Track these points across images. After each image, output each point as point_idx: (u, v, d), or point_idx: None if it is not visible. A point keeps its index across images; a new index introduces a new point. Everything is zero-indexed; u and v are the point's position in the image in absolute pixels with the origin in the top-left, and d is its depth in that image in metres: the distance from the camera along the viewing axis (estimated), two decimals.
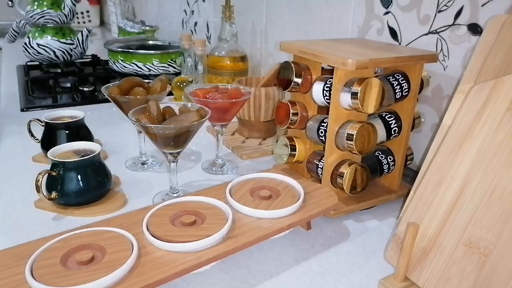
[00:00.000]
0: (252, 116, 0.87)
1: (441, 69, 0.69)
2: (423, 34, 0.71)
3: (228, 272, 0.50)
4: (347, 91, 0.55)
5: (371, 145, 0.58)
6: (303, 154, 0.69)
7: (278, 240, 0.56)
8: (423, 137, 0.74)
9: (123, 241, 0.46)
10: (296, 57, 0.65)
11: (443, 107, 0.70)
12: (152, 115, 0.59)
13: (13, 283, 0.40)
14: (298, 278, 0.50)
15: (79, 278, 0.40)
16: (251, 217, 0.52)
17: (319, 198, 0.57)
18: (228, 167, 0.78)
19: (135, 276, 0.41)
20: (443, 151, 0.47)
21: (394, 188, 0.68)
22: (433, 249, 0.45)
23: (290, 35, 1.07)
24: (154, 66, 1.38)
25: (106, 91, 0.70)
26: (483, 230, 0.41)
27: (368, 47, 0.63)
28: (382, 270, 0.51)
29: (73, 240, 0.45)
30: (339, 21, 0.90)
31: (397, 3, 0.75)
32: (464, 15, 0.64)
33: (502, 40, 0.48)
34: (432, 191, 0.47)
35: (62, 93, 1.25)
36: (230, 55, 1.10)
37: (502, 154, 0.42)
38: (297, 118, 0.66)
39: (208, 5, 1.48)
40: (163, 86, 0.74)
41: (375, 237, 0.58)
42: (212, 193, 0.56)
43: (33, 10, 1.51)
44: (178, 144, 0.60)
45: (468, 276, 0.41)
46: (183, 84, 1.06)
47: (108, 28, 2.48)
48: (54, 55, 1.54)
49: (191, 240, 0.46)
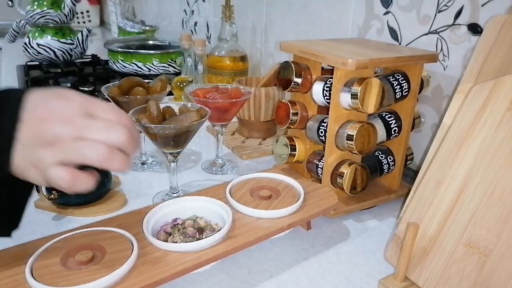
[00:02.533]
0: (252, 116, 0.87)
1: (441, 69, 0.69)
2: (423, 34, 0.71)
3: (228, 272, 0.50)
4: (347, 91, 0.55)
5: (371, 145, 0.58)
6: (303, 154, 0.69)
7: (278, 240, 0.56)
8: (423, 137, 0.74)
9: (123, 241, 0.46)
10: (296, 57, 0.65)
11: (443, 107, 0.70)
12: (152, 115, 0.58)
13: (13, 283, 0.40)
14: (298, 278, 0.50)
15: (79, 278, 0.40)
16: (251, 217, 0.52)
17: (319, 198, 0.57)
18: (228, 167, 0.78)
19: (135, 276, 0.41)
20: (443, 151, 0.47)
21: (394, 188, 0.68)
22: (433, 249, 0.45)
23: (290, 35, 1.07)
24: (154, 66, 1.38)
25: (106, 91, 0.70)
26: (483, 230, 0.41)
27: (368, 47, 0.63)
28: (382, 270, 0.51)
29: (73, 240, 0.45)
30: (339, 21, 0.90)
31: (397, 3, 0.75)
32: (464, 15, 0.64)
33: (502, 40, 0.48)
34: (432, 191, 0.47)
35: None
36: (230, 55, 1.10)
37: (502, 154, 0.42)
38: (297, 118, 0.66)
39: (208, 5, 1.48)
40: (163, 86, 0.74)
41: (375, 237, 0.58)
42: (212, 193, 0.56)
43: (33, 10, 1.51)
44: (178, 144, 0.60)
45: (468, 276, 0.41)
46: (183, 84, 1.06)
47: (108, 28, 2.48)
48: (54, 55, 1.54)
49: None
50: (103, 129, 0.38)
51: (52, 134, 0.36)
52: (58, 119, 0.37)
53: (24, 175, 0.38)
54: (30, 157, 0.36)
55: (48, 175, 0.36)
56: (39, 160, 0.36)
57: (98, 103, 0.39)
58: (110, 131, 0.38)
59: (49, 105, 0.38)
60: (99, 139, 0.37)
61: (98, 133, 0.37)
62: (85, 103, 0.38)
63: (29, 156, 0.36)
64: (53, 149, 0.36)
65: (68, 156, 0.37)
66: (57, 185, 0.37)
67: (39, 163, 0.36)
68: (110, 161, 0.37)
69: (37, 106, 0.37)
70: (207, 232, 0.50)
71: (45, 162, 0.36)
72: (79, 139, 0.37)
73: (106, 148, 0.37)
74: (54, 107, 0.37)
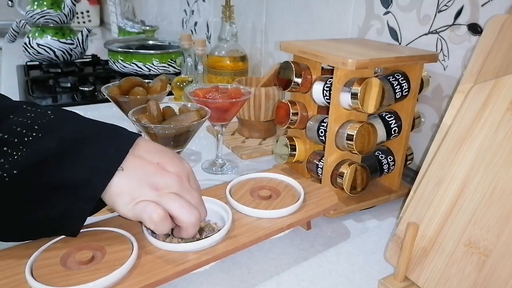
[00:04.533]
0: (252, 116, 0.87)
1: (441, 69, 0.69)
2: (423, 34, 0.71)
3: (228, 272, 0.50)
4: (347, 91, 0.55)
5: (371, 145, 0.58)
6: (303, 154, 0.69)
7: (278, 240, 0.56)
8: (423, 137, 0.74)
9: (123, 241, 0.46)
10: (296, 57, 0.65)
11: (443, 107, 0.70)
12: (152, 115, 0.59)
13: (13, 283, 0.40)
14: (298, 278, 0.50)
15: (79, 278, 0.40)
16: (251, 217, 0.52)
17: (319, 198, 0.57)
18: (228, 167, 0.78)
19: (135, 276, 0.41)
20: (443, 151, 0.47)
21: (394, 188, 0.68)
22: (433, 249, 0.45)
23: (290, 35, 1.07)
24: (154, 66, 1.38)
25: (106, 91, 0.70)
26: (483, 230, 0.41)
27: (368, 47, 0.63)
28: (382, 270, 0.51)
29: (73, 240, 0.45)
30: (339, 21, 0.90)
31: (397, 3, 0.75)
32: (464, 15, 0.64)
33: (502, 40, 0.48)
34: (432, 191, 0.47)
35: (62, 93, 1.25)
36: (230, 55, 1.10)
37: (502, 154, 0.42)
38: (297, 118, 0.66)
39: (208, 5, 1.48)
40: (163, 86, 0.74)
41: (375, 237, 0.58)
42: (212, 193, 0.56)
43: (33, 10, 1.51)
44: (178, 144, 0.60)
45: (468, 276, 0.41)
46: (183, 84, 1.06)
47: (108, 28, 2.48)
48: (54, 55, 1.54)
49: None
50: (200, 201, 0.46)
51: (164, 181, 0.43)
52: (172, 172, 0.44)
53: (113, 198, 0.42)
54: (134, 186, 0.42)
55: (143, 207, 0.42)
56: (141, 193, 0.42)
57: (195, 178, 0.48)
58: (203, 205, 0.46)
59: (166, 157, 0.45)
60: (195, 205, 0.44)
61: (196, 201, 0.45)
62: (190, 172, 0.47)
63: (134, 186, 0.42)
64: (158, 192, 0.43)
65: (167, 204, 0.42)
66: (148, 218, 0.42)
67: (139, 196, 0.42)
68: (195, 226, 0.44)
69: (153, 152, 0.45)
70: (206, 232, 0.50)
71: (145, 198, 0.42)
72: (181, 196, 0.44)
73: (198, 215, 0.44)
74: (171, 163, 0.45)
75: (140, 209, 0.42)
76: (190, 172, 0.47)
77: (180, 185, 0.44)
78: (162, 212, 0.42)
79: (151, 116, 0.58)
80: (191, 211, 0.43)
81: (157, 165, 0.44)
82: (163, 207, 0.42)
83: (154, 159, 0.45)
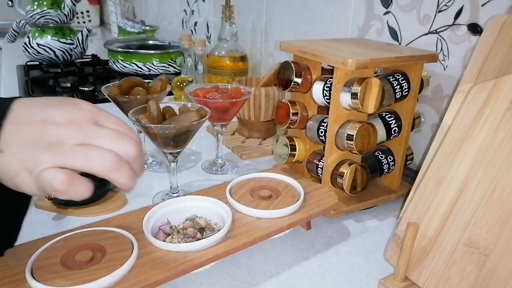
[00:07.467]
0: (252, 116, 0.87)
1: (441, 69, 0.69)
2: (423, 34, 0.71)
3: (228, 272, 0.50)
4: (347, 91, 0.55)
5: (371, 145, 0.58)
6: (303, 154, 0.69)
7: (278, 240, 0.56)
8: (423, 137, 0.74)
9: (123, 241, 0.46)
10: (296, 57, 0.65)
11: (443, 107, 0.70)
12: (152, 115, 0.58)
13: (13, 283, 0.40)
14: (298, 278, 0.50)
15: (79, 278, 0.40)
16: (251, 217, 0.52)
17: (319, 198, 0.57)
18: (228, 167, 0.78)
19: (135, 276, 0.41)
20: (443, 151, 0.47)
21: (394, 188, 0.68)
22: (433, 249, 0.45)
23: (290, 35, 1.07)
24: (154, 66, 1.38)
25: (106, 91, 0.70)
26: (483, 230, 0.41)
27: (368, 47, 0.63)
28: (382, 270, 0.51)
29: (73, 240, 0.45)
30: (339, 21, 0.90)
31: (397, 3, 0.75)
32: (464, 15, 0.64)
33: (502, 40, 0.48)
34: (432, 191, 0.47)
35: (62, 93, 1.25)
36: (230, 55, 1.10)
37: (502, 154, 0.42)
38: (297, 118, 0.66)
39: (208, 5, 1.48)
40: (163, 86, 0.74)
41: (375, 237, 0.58)
42: (212, 193, 0.56)
43: (33, 10, 1.51)
44: (178, 144, 0.60)
45: (468, 276, 0.41)
46: (183, 84, 1.06)
47: (108, 28, 2.48)
48: (54, 55, 1.54)
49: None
50: (114, 138, 0.35)
51: (56, 136, 0.34)
52: (64, 122, 0.35)
53: (12, 181, 0.34)
54: (24, 159, 0.34)
55: (42, 178, 0.33)
56: (35, 163, 0.33)
57: (109, 115, 0.38)
58: (121, 140, 0.36)
59: (53, 108, 0.35)
60: (108, 147, 0.35)
61: (108, 141, 0.35)
62: (95, 112, 0.37)
63: (24, 158, 0.34)
64: (55, 152, 0.34)
65: (70, 161, 0.34)
66: (51, 189, 0.33)
67: (35, 167, 0.33)
68: (117, 172, 0.35)
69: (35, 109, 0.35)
70: (207, 232, 0.50)
71: (42, 165, 0.33)
72: (85, 145, 0.34)
73: (115, 157, 0.35)
74: (60, 111, 0.35)
75: (40, 182, 0.33)
76: (94, 112, 0.37)
77: (80, 133, 0.35)
78: (63, 176, 0.33)
79: (151, 116, 0.58)
80: (104, 157, 0.34)
81: (43, 122, 0.35)
82: (65, 169, 0.34)
83: (38, 117, 0.35)
